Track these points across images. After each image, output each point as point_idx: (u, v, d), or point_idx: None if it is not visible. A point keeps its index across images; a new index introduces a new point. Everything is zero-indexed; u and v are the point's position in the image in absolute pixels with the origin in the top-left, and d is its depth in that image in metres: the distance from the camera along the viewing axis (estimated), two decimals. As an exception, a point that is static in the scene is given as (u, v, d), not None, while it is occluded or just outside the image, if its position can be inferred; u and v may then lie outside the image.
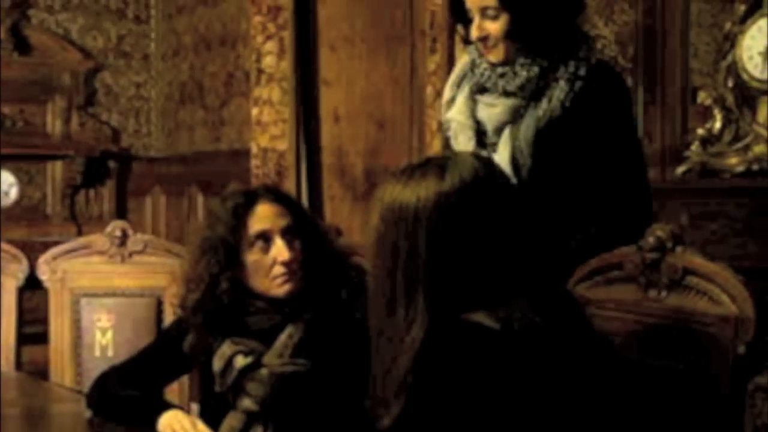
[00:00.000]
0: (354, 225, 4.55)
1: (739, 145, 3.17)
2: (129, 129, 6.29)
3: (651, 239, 1.88)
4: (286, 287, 2.13)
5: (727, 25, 3.23)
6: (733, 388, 1.74)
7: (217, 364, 2.15)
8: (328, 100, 4.67)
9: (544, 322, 1.51)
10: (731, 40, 3.20)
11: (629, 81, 3.55)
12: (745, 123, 3.17)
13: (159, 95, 6.30)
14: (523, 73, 2.12)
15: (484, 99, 2.18)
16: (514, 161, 2.13)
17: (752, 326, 1.72)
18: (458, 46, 3.94)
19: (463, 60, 2.27)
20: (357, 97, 4.67)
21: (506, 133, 2.13)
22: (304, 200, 4.58)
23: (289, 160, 4.65)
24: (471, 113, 2.18)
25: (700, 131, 3.27)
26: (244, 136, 5.14)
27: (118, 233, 3.07)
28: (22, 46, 5.88)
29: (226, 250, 2.13)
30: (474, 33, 2.12)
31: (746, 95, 3.18)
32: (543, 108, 2.12)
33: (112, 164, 6.14)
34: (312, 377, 2.12)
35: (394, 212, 1.55)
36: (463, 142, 2.18)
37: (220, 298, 2.13)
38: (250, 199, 2.16)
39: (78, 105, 6.05)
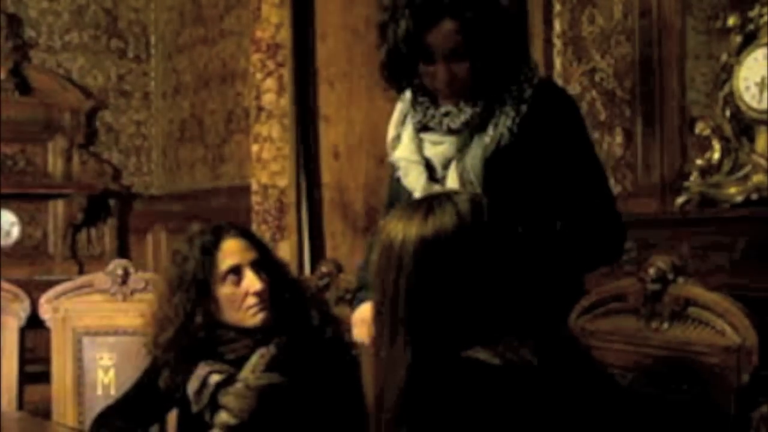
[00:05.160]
0: (355, 260, 4.54)
1: (738, 174, 3.18)
2: (130, 167, 6.31)
3: (652, 271, 1.89)
4: (260, 316, 2.20)
5: (724, 56, 3.25)
6: (737, 418, 1.73)
7: (192, 385, 2.21)
8: (328, 136, 4.69)
9: (536, 357, 1.51)
10: (728, 71, 3.21)
11: (627, 112, 3.57)
12: (744, 153, 3.18)
13: (159, 133, 6.32)
14: (468, 110, 2.07)
15: (428, 137, 2.13)
16: None
17: (755, 356, 1.71)
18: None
19: (405, 98, 2.21)
20: (356, 132, 4.68)
21: (453, 165, 2.08)
22: (305, 236, 4.58)
23: (289, 197, 4.66)
24: (418, 150, 2.13)
25: (699, 162, 3.27)
26: (244, 173, 5.16)
27: (119, 272, 3.07)
28: (23, 86, 5.92)
29: (198, 287, 2.20)
30: (442, 78, 2.05)
31: (744, 125, 3.19)
32: (490, 135, 2.06)
33: (113, 202, 6.16)
34: (286, 390, 2.17)
35: (385, 247, 1.56)
36: (415, 178, 2.13)
37: (195, 333, 2.20)
38: (216, 236, 2.24)
39: (79, 144, 6.07)
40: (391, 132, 2.21)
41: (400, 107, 2.23)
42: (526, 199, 2.03)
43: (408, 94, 2.19)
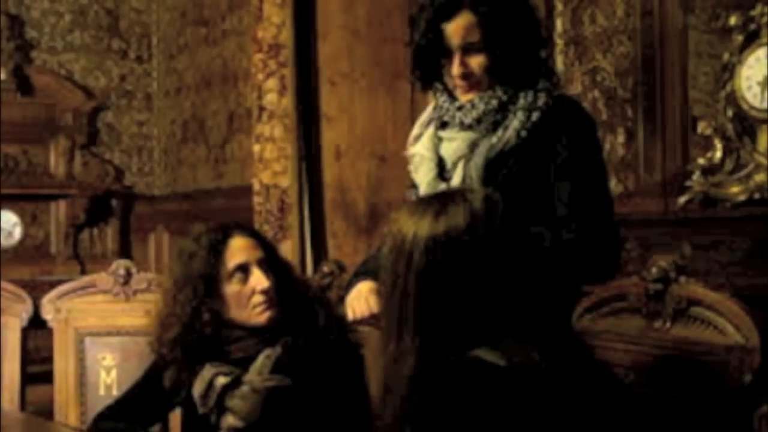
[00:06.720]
0: (357, 260, 4.53)
1: (740, 174, 3.18)
2: (132, 167, 6.31)
3: (654, 270, 1.89)
4: (267, 314, 2.19)
5: (726, 56, 3.25)
6: (739, 417, 1.73)
7: (198, 387, 2.20)
8: (330, 136, 4.68)
9: (542, 358, 1.51)
10: (730, 71, 3.22)
11: (629, 112, 3.57)
12: (746, 152, 3.18)
13: (161, 134, 6.32)
14: (481, 106, 2.09)
15: (445, 134, 2.16)
16: None
17: (758, 355, 1.71)
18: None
19: (434, 101, 2.25)
20: (358, 132, 4.68)
21: (460, 164, 2.11)
22: (307, 236, 4.58)
23: (291, 197, 4.65)
24: (434, 148, 2.17)
25: (701, 161, 3.28)
26: (246, 173, 5.16)
27: (121, 272, 3.07)
28: (24, 86, 5.92)
29: (205, 284, 2.19)
30: (456, 70, 2.08)
31: (746, 124, 3.19)
32: (498, 136, 2.08)
33: (115, 203, 6.16)
34: (293, 393, 2.16)
35: (395, 242, 1.56)
36: (424, 174, 2.17)
37: (201, 331, 2.19)
38: (224, 234, 2.23)
39: (81, 144, 6.07)
40: (415, 130, 2.26)
41: (429, 110, 2.26)
42: (522, 206, 2.01)
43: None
